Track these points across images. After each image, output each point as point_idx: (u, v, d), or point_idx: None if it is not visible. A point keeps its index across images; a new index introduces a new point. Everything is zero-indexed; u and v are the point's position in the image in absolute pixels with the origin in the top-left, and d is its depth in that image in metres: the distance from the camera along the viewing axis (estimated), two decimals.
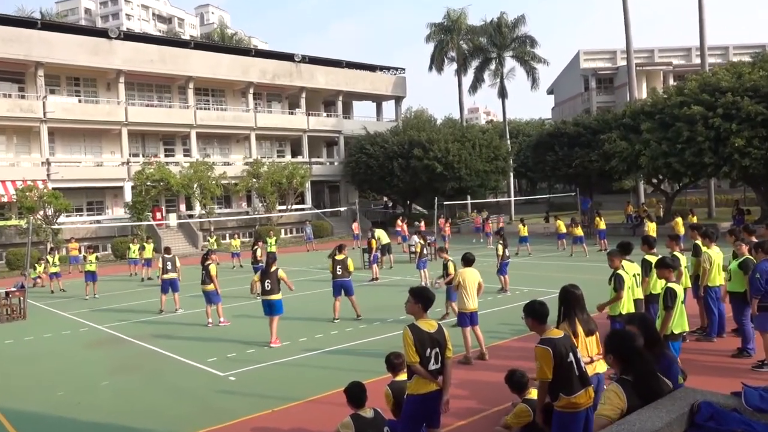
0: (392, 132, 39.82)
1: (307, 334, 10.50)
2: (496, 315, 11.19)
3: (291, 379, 7.91)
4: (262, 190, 34.67)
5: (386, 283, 16.73)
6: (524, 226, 22.31)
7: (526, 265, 19.17)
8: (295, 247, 31.98)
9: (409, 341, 4.46)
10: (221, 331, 11.17)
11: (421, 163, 35.63)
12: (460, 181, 35.67)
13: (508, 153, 38.75)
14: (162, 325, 12.21)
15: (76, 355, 9.98)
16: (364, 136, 40.46)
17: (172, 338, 10.92)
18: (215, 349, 9.80)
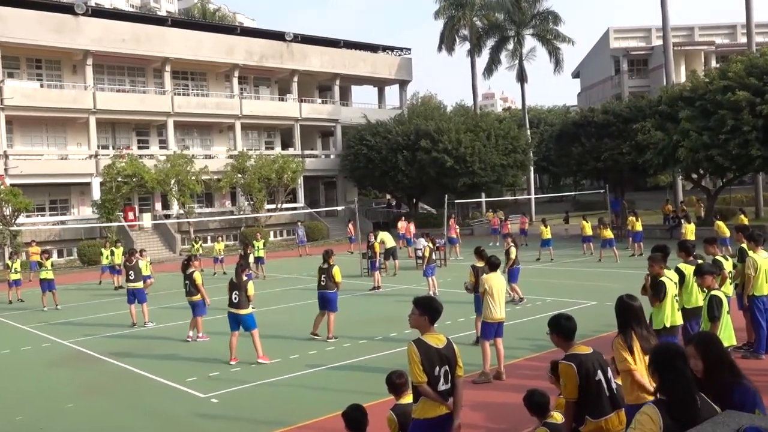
0: (396, 121, 39.88)
1: (300, 351, 10.52)
2: (514, 329, 11.20)
3: (281, 402, 7.93)
4: (249, 186, 34.76)
5: (389, 292, 16.77)
6: (546, 227, 22.32)
7: (549, 272, 19.18)
8: (286, 252, 32.06)
9: (416, 358, 4.41)
10: (201, 348, 11.19)
11: (428, 156, 35.67)
12: (473, 176, 35.70)
13: (527, 144, 38.77)
14: (134, 340, 12.23)
15: (37, 374, 10.00)
16: (364, 126, 40.51)
17: (146, 355, 10.95)
18: (195, 367, 9.84)
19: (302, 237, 29.03)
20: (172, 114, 35.84)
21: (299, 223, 30.41)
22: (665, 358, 3.31)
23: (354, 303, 15.50)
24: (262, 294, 17.49)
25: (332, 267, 10.97)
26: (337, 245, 33.68)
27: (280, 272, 22.73)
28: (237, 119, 38.23)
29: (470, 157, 35.09)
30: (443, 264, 21.54)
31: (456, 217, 32.00)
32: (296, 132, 40.98)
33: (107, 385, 9.24)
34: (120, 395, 8.64)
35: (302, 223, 30.41)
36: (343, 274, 20.78)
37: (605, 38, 52.71)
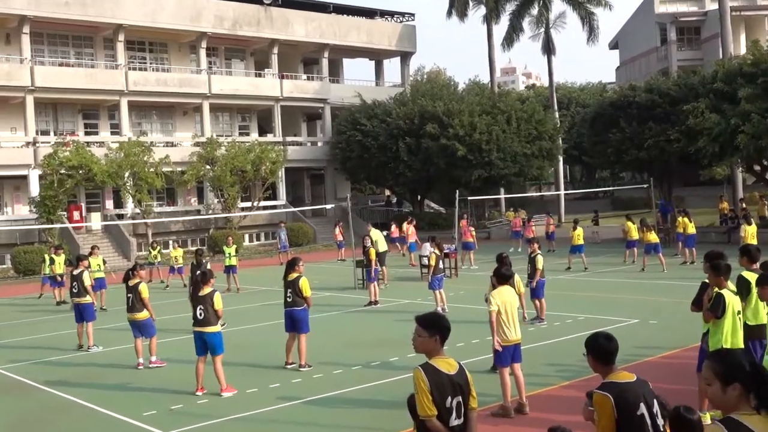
0: (397, 101, 39.92)
1: (281, 378, 10.50)
2: (536, 353, 11.18)
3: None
4: (219, 180, 34.77)
5: (388, 308, 16.76)
6: (578, 230, 22.34)
7: (582, 284, 19.18)
8: (264, 259, 32.05)
9: (424, 387, 4.37)
10: (157, 375, 11.15)
11: (436, 143, 35.68)
12: (489, 168, 35.74)
13: (556, 130, 38.82)
14: (80, 367, 12.19)
15: None
16: (358, 107, 40.55)
17: (95, 384, 10.93)
18: (153, 399, 9.84)
19: (285, 241, 29.01)
20: (127, 93, 35.81)
21: (281, 224, 30.36)
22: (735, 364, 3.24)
23: (346, 321, 15.45)
24: (235, 310, 17.42)
25: (299, 279, 10.87)
26: (325, 251, 33.68)
27: (257, 284, 22.68)
28: (205, 99, 38.22)
29: (486, 144, 35.12)
30: (453, 274, 21.52)
31: (469, 217, 32.00)
32: (276, 114, 40.99)
33: (48, 420, 9.19)
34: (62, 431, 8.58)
35: (284, 224, 30.37)
36: (335, 286, 21.33)
37: (649, 2, 52.77)
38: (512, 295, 8.39)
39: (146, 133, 37.66)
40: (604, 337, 4.43)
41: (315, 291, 14.00)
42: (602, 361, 4.38)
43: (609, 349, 4.38)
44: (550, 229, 28.77)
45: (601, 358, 4.38)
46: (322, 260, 29.62)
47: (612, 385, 4.25)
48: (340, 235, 28.91)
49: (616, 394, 4.19)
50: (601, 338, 4.43)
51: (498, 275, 8.54)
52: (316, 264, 27.47)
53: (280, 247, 29.09)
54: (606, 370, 4.37)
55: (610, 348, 4.39)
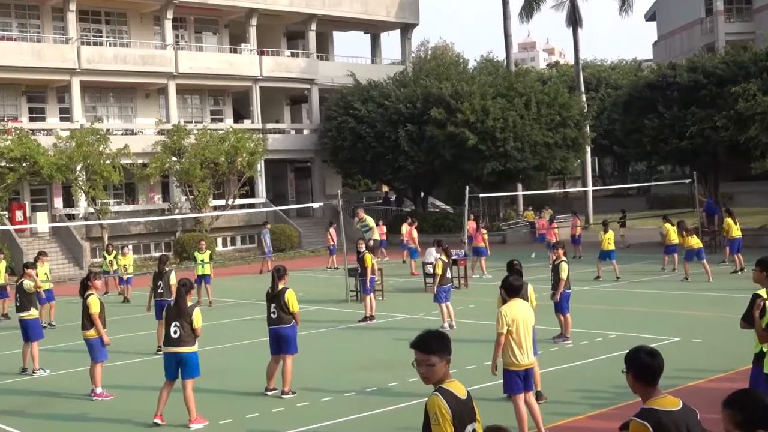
0: (397, 81, 39.99)
1: (260, 407, 10.51)
2: (560, 377, 11.18)
3: None
4: (187, 174, 34.77)
5: (386, 324, 16.78)
6: (609, 233, 22.37)
7: (613, 296, 19.21)
8: (240, 267, 32.03)
9: (447, 415, 4.44)
10: (111, 408, 11.07)
11: (442, 131, 35.74)
12: (505, 160, 35.81)
13: (582, 115, 38.90)
14: (23, 395, 12.18)
15: None
16: (351, 89, 40.59)
17: (40, 416, 10.88)
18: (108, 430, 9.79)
19: (269, 246, 29.00)
20: (79, 71, 35.77)
21: (265, 226, 30.21)
22: None
23: (337, 340, 15.48)
24: (207, 328, 17.26)
25: (284, 292, 10.87)
26: (312, 258, 33.63)
27: (232, 296, 22.66)
28: (171, 79, 38.20)
29: (501, 132, 35.16)
30: (463, 284, 21.51)
31: (481, 218, 32.03)
32: (255, 97, 40.98)
33: None
34: None
35: (268, 226, 30.24)
36: (324, 299, 21.31)
37: None
38: (525, 311, 8.36)
39: (102, 120, 37.62)
40: (647, 352, 4.42)
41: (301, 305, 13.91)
42: (644, 379, 4.36)
43: (652, 367, 4.36)
44: (576, 232, 28.76)
45: (643, 376, 4.36)
46: (308, 268, 29.60)
47: (652, 413, 4.22)
48: (333, 239, 28.70)
49: (655, 423, 4.15)
50: (643, 353, 4.42)
51: (506, 286, 8.50)
52: (301, 273, 27.44)
53: (265, 252, 29.01)
54: (647, 392, 4.36)
55: (654, 365, 4.37)
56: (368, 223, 21.35)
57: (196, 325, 9.75)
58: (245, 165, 35.83)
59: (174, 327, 9.72)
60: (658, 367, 4.38)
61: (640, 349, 4.45)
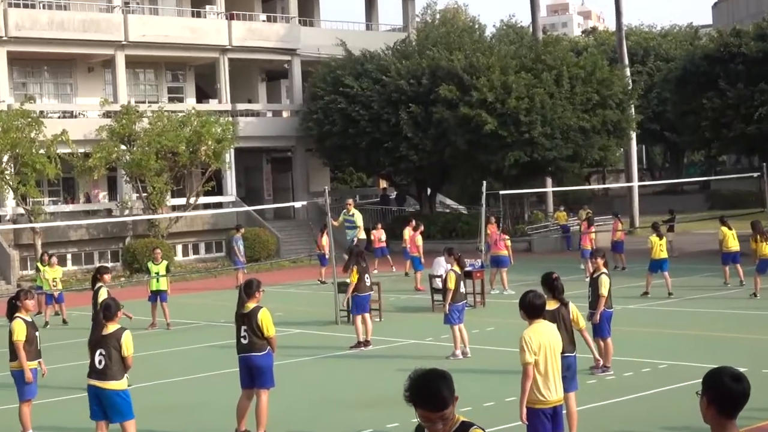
0: (398, 52, 39.94)
1: None
2: (599, 416, 11.09)
3: None
4: (140, 167, 34.68)
5: (384, 351, 16.70)
6: (661, 238, 22.30)
7: (665, 316, 19.13)
8: (205, 281, 31.89)
9: None
10: None
11: (454, 113, 35.70)
12: (531, 148, 35.76)
13: (626, 94, 38.89)
14: None
15: None
16: (341, 61, 40.56)
17: None
18: None
19: (242, 254, 28.75)
20: (6, 40, 35.73)
21: (238, 230, 29.97)
22: None
23: (324, 371, 15.41)
24: (163, 356, 17.34)
25: (257, 312, 10.79)
26: (294, 269, 33.52)
27: (196, 316, 22.58)
28: (119, 49, 38.13)
29: (526, 115, 35.12)
30: (479, 302, 21.43)
31: (502, 220, 31.94)
32: (223, 72, 40.91)
33: None
34: None
35: (241, 231, 30.00)
36: (309, 320, 21.09)
37: None
38: (552, 335, 8.30)
39: (34, 99, 37.47)
40: (731, 375, 4.37)
41: (280, 327, 13.77)
42: (722, 409, 4.31)
43: (735, 395, 4.32)
44: (618, 237, 28.68)
45: (723, 405, 4.31)
46: (289, 282, 29.50)
47: None
48: (324, 246, 28.26)
49: None
50: (726, 376, 4.36)
51: (525, 305, 8.42)
52: (281, 287, 27.27)
53: (238, 261, 28.79)
54: (723, 426, 4.31)
55: (738, 392, 4.33)
56: (355, 220, 21.06)
57: (127, 354, 9.63)
58: (211, 155, 35.75)
59: (99, 356, 9.64)
60: (742, 395, 4.34)
61: (723, 371, 4.40)
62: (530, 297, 8.46)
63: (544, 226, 38.96)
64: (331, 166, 43.83)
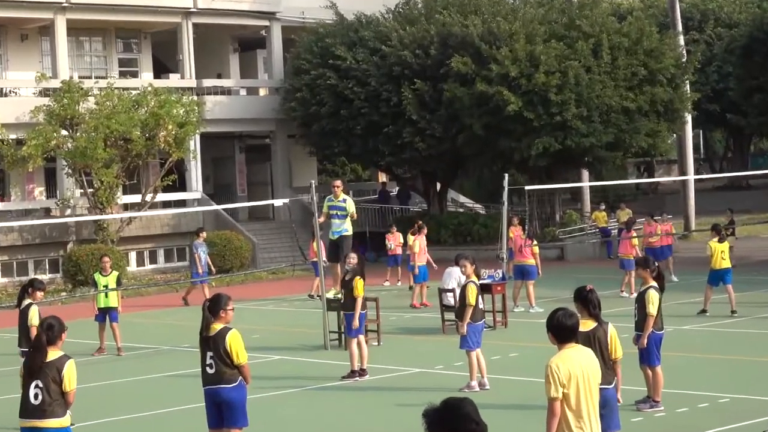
0: (400, 17, 39.86)
1: None
2: None
3: None
4: (84, 156, 34.63)
5: (383, 382, 16.70)
6: (722, 242, 22.30)
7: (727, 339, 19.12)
8: (164, 296, 31.79)
9: None
10: None
11: (468, 90, 35.66)
12: (564, 134, 35.76)
13: (680, 68, 38.84)
14: None
15: None
16: (331, 27, 40.53)
17: None
18: None
19: (205, 263, 28.69)
20: None
21: (199, 235, 29.90)
22: None
23: (311, 406, 15.40)
24: (110, 389, 17.34)
25: (225, 334, 10.78)
26: (273, 282, 33.45)
27: (152, 340, 22.58)
28: (59, 12, 38.01)
29: (558, 93, 35.11)
30: (500, 322, 21.45)
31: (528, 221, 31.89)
32: (186, 40, 40.84)
33: None
34: None
35: (203, 237, 29.95)
36: (292, 345, 20.96)
37: None
38: (586, 363, 8.26)
39: None
40: None
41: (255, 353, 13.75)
42: None
43: None
44: (656, 243, 28.71)
45: None
46: (268, 297, 29.55)
47: None
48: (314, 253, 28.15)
49: None
50: None
51: (553, 326, 8.37)
52: (257, 304, 27.30)
53: (198, 270, 28.73)
54: None
55: None
56: (347, 208, 20.30)
57: (69, 388, 9.66)
58: (172, 142, 35.66)
59: (35, 389, 9.66)
60: None
61: None
62: (560, 316, 8.44)
63: (579, 230, 38.93)
64: (318, 155, 43.70)
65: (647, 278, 13.73)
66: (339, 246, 20.44)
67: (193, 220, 36.20)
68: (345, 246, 20.22)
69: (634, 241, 26.94)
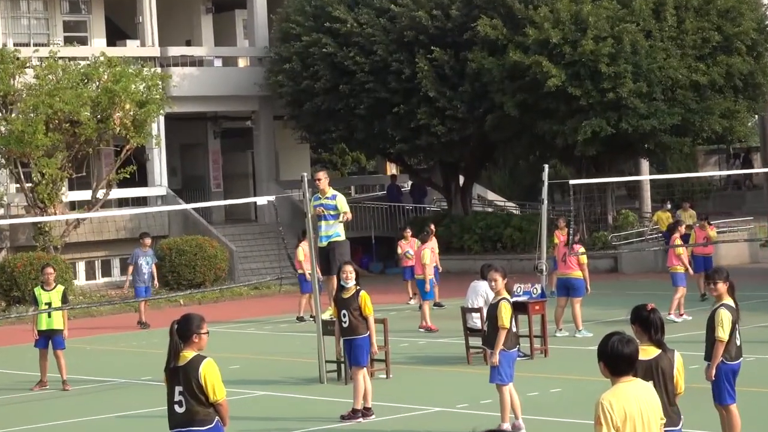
0: None
1: None
2: None
3: None
4: (21, 143, 34.72)
5: (395, 423, 16.79)
6: None
7: None
8: (122, 316, 31.84)
9: None
10: None
11: (498, 61, 35.80)
12: (618, 115, 35.82)
13: (763, 31, 38.67)
14: None
15: None
16: None
17: None
18: None
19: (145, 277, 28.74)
20: None
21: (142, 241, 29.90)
22: None
23: None
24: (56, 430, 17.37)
25: (198, 365, 10.81)
26: (255, 300, 33.50)
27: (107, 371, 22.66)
28: None
29: (610, 64, 35.17)
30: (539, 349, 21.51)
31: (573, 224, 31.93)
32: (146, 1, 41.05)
33: None
34: None
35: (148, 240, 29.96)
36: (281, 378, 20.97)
37: None
38: (645, 400, 8.31)
39: None
40: None
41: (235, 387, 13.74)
42: None
43: None
44: (706, 251, 28.76)
45: None
46: (249, 318, 29.70)
47: None
48: (302, 263, 28.22)
49: None
50: None
51: (606, 355, 8.40)
52: (236, 326, 27.39)
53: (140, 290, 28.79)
54: None
55: None
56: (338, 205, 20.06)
57: None
58: (129, 126, 35.79)
59: None
60: None
61: None
62: (614, 342, 8.48)
63: (637, 234, 38.92)
64: (312, 141, 43.73)
65: (722, 293, 13.54)
66: (330, 254, 20.55)
67: (156, 222, 36.31)
68: (338, 254, 20.10)
69: (679, 250, 26.59)
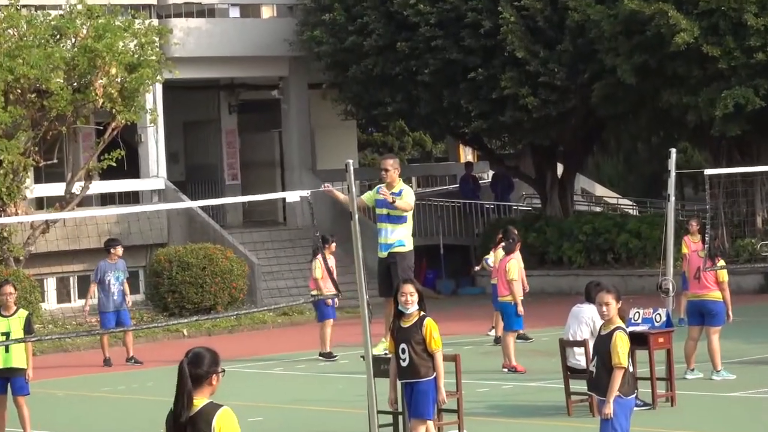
0: None
1: None
2: None
3: None
4: None
5: None
6: None
7: None
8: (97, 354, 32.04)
9: None
10: None
11: (609, 10, 35.97)
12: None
13: None
14: None
15: None
16: None
17: None
18: None
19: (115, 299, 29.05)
20: None
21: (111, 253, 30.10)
22: None
23: None
24: None
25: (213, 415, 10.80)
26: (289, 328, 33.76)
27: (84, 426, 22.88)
28: None
29: (758, 15, 35.16)
30: (664, 396, 21.43)
31: (710, 228, 31.93)
32: None
33: None
34: None
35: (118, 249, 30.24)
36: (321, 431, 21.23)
37: None
38: None
39: None
40: None
41: None
42: None
43: None
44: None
45: None
46: (275, 354, 29.91)
47: None
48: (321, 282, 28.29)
49: None
50: None
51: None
52: (257, 365, 27.61)
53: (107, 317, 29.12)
54: None
55: None
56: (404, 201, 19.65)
57: None
58: (116, 97, 36.13)
59: None
60: None
61: None
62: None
63: None
64: (360, 118, 43.98)
65: None
66: (391, 269, 20.56)
67: (151, 225, 36.49)
68: (400, 269, 20.04)
69: None
